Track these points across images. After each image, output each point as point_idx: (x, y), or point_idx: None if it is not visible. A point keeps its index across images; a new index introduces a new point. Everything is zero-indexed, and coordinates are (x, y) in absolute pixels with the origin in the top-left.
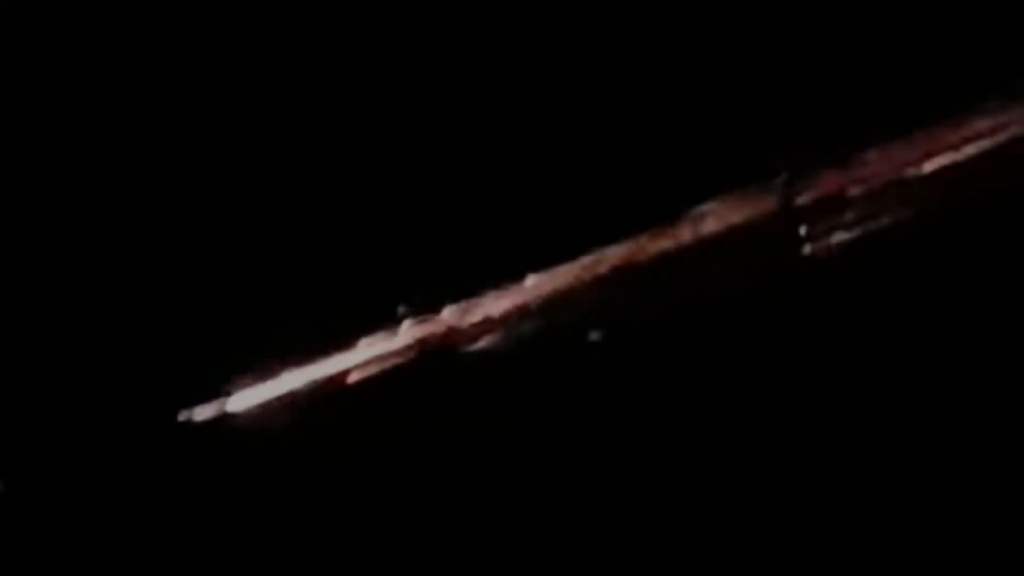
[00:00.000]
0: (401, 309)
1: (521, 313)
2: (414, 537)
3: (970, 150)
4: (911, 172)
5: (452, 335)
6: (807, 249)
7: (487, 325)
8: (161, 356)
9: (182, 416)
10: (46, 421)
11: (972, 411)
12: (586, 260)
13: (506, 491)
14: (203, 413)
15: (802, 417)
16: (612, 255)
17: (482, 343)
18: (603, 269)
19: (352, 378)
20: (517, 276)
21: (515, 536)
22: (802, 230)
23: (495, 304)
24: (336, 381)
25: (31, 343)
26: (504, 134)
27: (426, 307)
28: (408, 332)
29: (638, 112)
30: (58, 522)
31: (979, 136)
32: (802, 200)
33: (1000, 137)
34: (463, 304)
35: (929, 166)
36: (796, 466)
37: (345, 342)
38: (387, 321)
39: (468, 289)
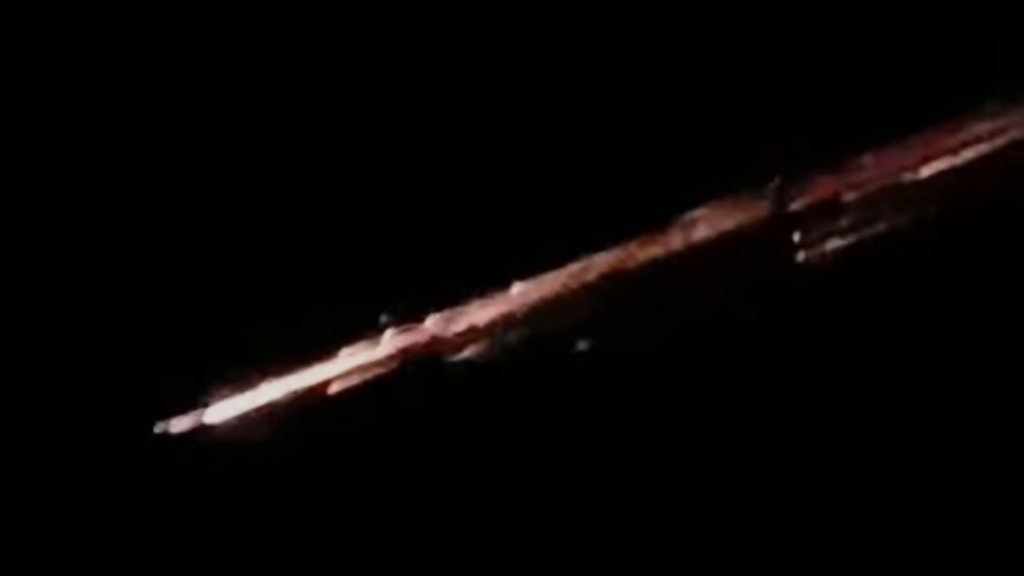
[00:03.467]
0: (383, 318)
1: (507, 322)
2: (397, 550)
3: (968, 154)
4: (907, 177)
5: (436, 344)
6: (801, 256)
7: (472, 334)
8: (137, 366)
9: (158, 428)
10: (20, 432)
11: (971, 417)
12: (574, 267)
13: (491, 504)
14: (180, 425)
15: (797, 426)
16: (601, 262)
17: (467, 353)
18: (591, 277)
19: (333, 389)
20: (503, 284)
21: (500, 547)
22: (796, 236)
23: (480, 313)
24: (317, 392)
25: (4, 353)
26: (490, 139)
27: (409, 316)
28: (391, 341)
29: (628, 115)
30: (33, 535)
31: (977, 140)
32: (796, 206)
33: (998, 141)
34: (447, 313)
35: (926, 171)
36: (791, 476)
37: (326, 352)
38: (369, 330)
39: (452, 297)
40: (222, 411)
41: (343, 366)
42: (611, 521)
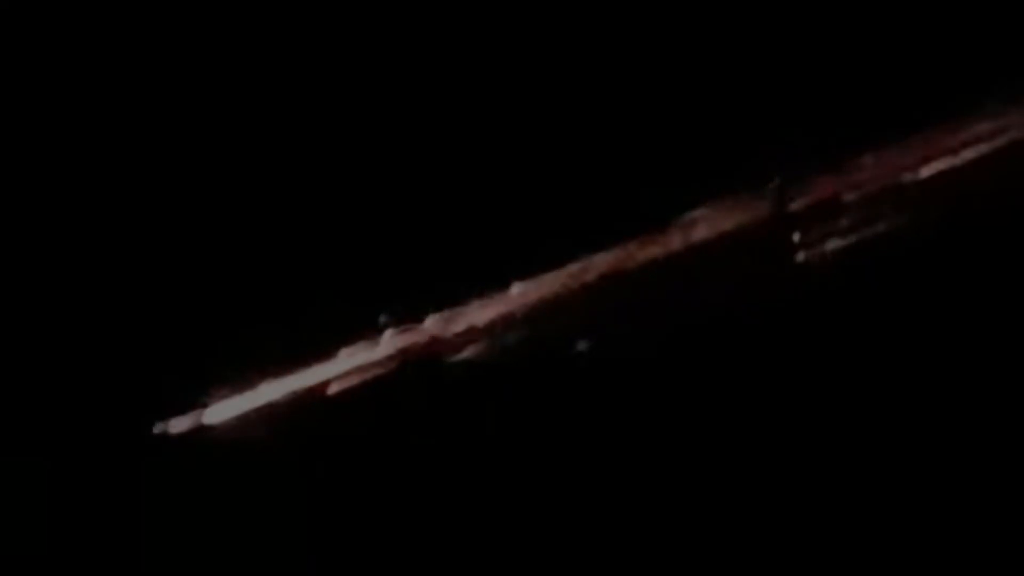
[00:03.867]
0: (383, 318)
1: (506, 322)
2: (396, 550)
3: (968, 155)
4: (907, 177)
5: (435, 345)
6: (801, 256)
7: (471, 335)
8: (136, 366)
9: (157, 428)
10: (19, 433)
11: (970, 418)
12: (573, 268)
13: (490, 505)
14: (179, 425)
15: (796, 427)
16: (600, 262)
17: (466, 353)
18: (591, 277)
19: (332, 389)
20: (502, 284)
21: (499, 548)
22: (796, 237)
23: (479, 313)
24: (316, 392)
25: (4, 353)
26: (489, 139)
27: (408, 316)
28: (390, 342)
29: (627, 116)
30: (34, 535)
31: (977, 140)
32: (796, 206)
33: (998, 141)
34: (446, 313)
35: (926, 171)
36: (789, 477)
37: (325, 352)
38: (368, 331)
39: (451, 297)
40: (222, 411)
41: (342, 366)
42: (611, 521)
